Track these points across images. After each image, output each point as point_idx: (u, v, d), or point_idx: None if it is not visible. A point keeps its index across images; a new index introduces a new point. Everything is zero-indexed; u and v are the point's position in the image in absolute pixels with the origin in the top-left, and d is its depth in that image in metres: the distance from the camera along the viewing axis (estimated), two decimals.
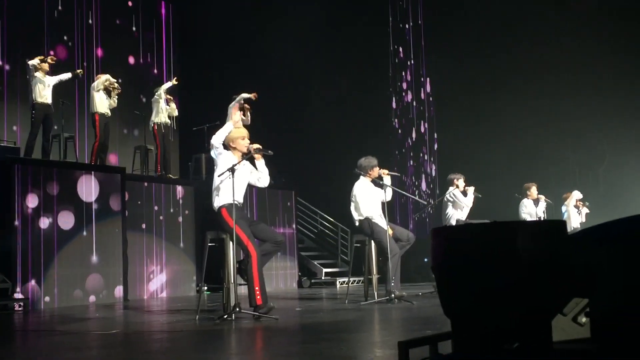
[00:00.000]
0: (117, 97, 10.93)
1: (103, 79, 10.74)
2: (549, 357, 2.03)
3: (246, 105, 12.04)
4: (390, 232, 7.77)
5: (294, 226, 13.24)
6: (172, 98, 12.10)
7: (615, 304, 1.97)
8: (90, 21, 13.88)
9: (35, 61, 9.91)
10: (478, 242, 2.04)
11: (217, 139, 6.32)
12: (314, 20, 14.19)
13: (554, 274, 2.00)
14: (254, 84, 14.01)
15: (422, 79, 15.72)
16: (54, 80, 10.14)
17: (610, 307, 2.01)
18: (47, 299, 8.77)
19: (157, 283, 10.69)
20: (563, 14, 13.57)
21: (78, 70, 10.86)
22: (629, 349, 1.98)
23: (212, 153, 6.41)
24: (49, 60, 10.09)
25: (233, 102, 11.80)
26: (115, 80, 10.95)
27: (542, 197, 11.12)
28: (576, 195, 12.02)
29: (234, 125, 6.53)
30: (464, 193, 9.60)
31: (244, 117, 12.07)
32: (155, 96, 11.80)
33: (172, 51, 15.62)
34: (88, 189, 9.53)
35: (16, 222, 8.62)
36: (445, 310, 2.24)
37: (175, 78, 12.37)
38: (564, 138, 13.81)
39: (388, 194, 8.08)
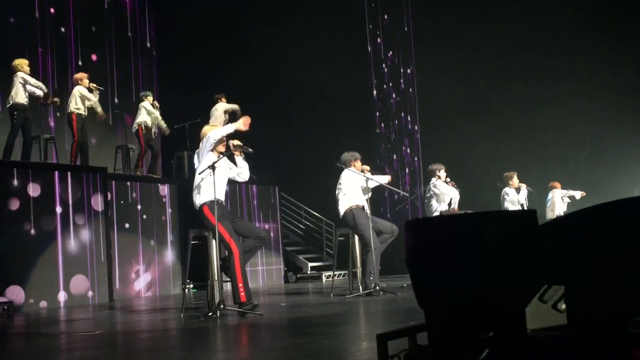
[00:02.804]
0: (98, 94, 10.77)
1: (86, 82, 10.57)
2: (522, 344, 2.06)
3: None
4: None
5: (278, 221, 13.23)
6: (158, 105, 11.87)
7: (585, 291, 2.00)
8: (62, 29, 13.68)
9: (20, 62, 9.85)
10: (448, 234, 2.06)
11: (216, 135, 6.29)
12: (296, 17, 14.15)
13: (524, 264, 2.02)
14: (234, 80, 14.00)
15: (403, 70, 15.75)
16: (31, 87, 9.91)
17: (581, 294, 2.04)
18: (31, 301, 8.71)
19: (142, 282, 10.65)
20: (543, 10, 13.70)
21: (55, 99, 10.58)
22: (602, 335, 2.01)
23: (205, 144, 6.35)
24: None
25: (227, 106, 11.69)
26: (95, 86, 10.75)
27: (524, 186, 11.16)
28: (570, 192, 12.16)
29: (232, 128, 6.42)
30: (447, 183, 9.62)
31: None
32: (144, 100, 11.63)
33: (152, 50, 15.52)
34: (69, 189, 9.47)
35: None
36: (419, 303, 2.26)
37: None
38: (546, 126, 13.91)
39: (372, 183, 8.13)
